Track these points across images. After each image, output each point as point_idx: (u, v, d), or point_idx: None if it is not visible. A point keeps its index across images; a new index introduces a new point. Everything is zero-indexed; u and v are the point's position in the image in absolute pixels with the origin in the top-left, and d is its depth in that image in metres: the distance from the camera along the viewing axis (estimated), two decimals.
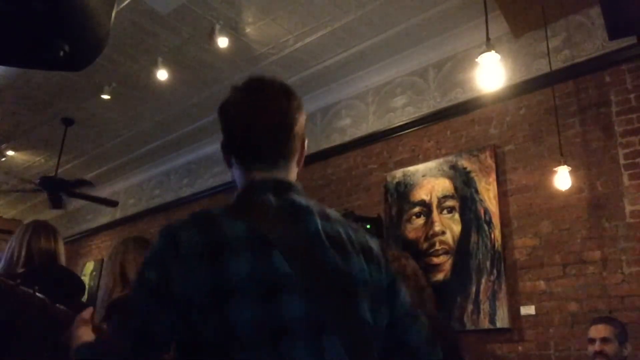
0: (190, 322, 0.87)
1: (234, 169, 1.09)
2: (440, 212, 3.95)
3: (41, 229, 2.15)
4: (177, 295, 0.87)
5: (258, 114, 1.05)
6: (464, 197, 3.85)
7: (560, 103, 3.53)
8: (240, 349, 0.86)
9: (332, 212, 1.05)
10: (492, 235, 3.62)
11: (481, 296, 3.54)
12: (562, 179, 3.19)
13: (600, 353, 2.52)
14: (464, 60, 4.15)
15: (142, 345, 0.89)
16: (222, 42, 4.27)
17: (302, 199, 1.02)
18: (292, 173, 1.09)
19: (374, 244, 1.07)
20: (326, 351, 0.89)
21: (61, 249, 2.19)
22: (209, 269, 0.88)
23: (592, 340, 2.59)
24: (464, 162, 3.94)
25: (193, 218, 0.95)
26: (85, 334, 1.15)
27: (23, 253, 2.04)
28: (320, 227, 0.98)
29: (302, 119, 1.09)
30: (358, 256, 1.00)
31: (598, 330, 2.58)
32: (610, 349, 2.50)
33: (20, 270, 1.98)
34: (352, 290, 0.96)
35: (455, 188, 3.93)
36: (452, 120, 4.17)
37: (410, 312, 1.07)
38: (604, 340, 2.53)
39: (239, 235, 0.92)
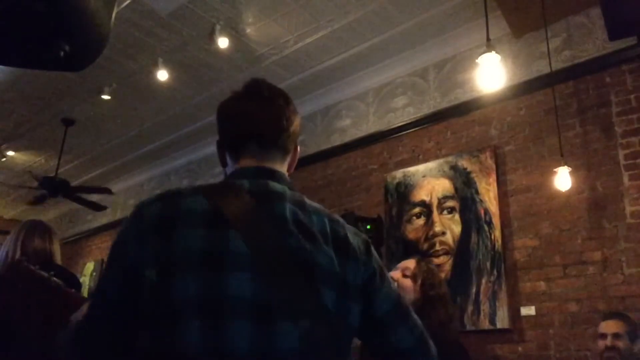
0: (139, 295, 0.88)
1: (227, 167, 1.09)
2: (441, 213, 3.95)
3: (35, 228, 2.15)
4: (129, 267, 0.90)
5: (254, 107, 1.06)
6: (464, 198, 3.85)
7: (560, 103, 3.52)
8: (179, 324, 0.84)
9: (313, 204, 1.03)
10: (493, 236, 3.62)
11: (481, 297, 3.54)
12: (563, 179, 3.19)
13: (612, 348, 2.47)
14: (465, 60, 4.15)
15: (99, 317, 0.95)
16: (223, 42, 4.27)
17: (278, 185, 1.01)
18: (281, 169, 1.08)
19: (354, 238, 1.02)
20: (275, 335, 0.86)
21: (56, 248, 2.19)
22: (158, 242, 0.90)
23: (603, 336, 2.53)
24: (464, 163, 3.94)
25: (162, 194, 0.98)
26: None
27: (18, 253, 2.04)
28: (287, 212, 0.96)
29: (297, 123, 1.10)
30: (327, 246, 0.96)
31: (609, 326, 2.53)
32: (622, 344, 2.46)
33: None
34: (314, 277, 0.91)
35: (456, 188, 3.93)
36: (452, 121, 4.17)
37: (398, 311, 1.03)
38: (616, 335, 2.48)
39: (196, 210, 0.92)
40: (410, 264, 2.34)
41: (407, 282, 2.19)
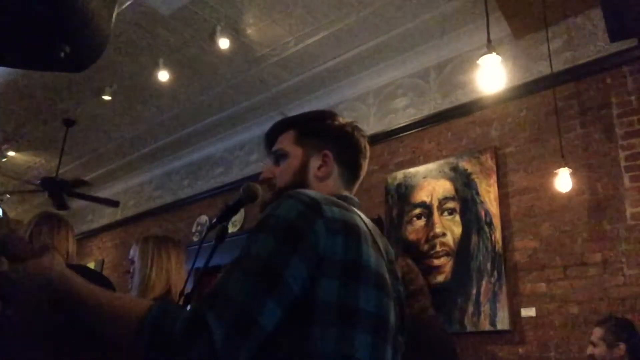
0: (316, 280, 0.87)
1: (324, 180, 1.18)
2: (441, 214, 3.95)
3: (45, 222, 1.98)
4: (317, 251, 0.88)
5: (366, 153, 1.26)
6: (465, 199, 3.85)
7: (561, 105, 3.52)
8: (358, 324, 0.89)
9: None
10: (493, 237, 3.61)
11: (482, 298, 3.54)
12: (563, 180, 3.19)
13: (590, 356, 2.57)
14: (465, 62, 4.15)
15: (267, 292, 0.83)
16: (223, 43, 4.28)
17: None
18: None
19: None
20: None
21: (67, 243, 2.01)
22: (343, 242, 0.91)
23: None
24: (464, 164, 3.93)
25: (328, 199, 0.98)
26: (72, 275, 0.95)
27: None
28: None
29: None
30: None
31: (593, 334, 2.62)
32: (597, 351, 2.54)
33: None
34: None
35: (456, 190, 3.92)
36: (453, 122, 4.17)
37: None
38: (592, 344, 2.58)
39: (363, 228, 0.99)
40: None
41: None
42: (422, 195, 4.10)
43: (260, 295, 0.82)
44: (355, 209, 1.08)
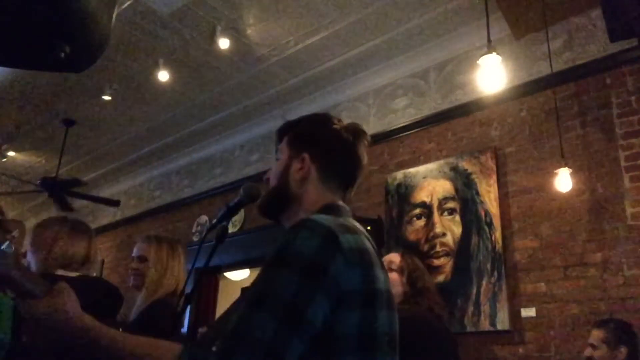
0: (338, 314, 0.87)
1: (313, 190, 1.18)
2: (441, 214, 3.95)
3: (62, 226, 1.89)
4: (338, 285, 0.88)
5: (363, 157, 1.26)
6: (465, 199, 3.85)
7: (561, 105, 3.52)
8: (378, 349, 0.93)
9: None
10: (493, 237, 3.61)
11: (482, 298, 3.54)
12: (563, 181, 3.19)
13: (589, 359, 2.55)
14: (465, 62, 4.15)
15: (291, 331, 0.82)
16: (223, 43, 4.28)
17: None
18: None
19: None
20: None
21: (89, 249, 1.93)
22: (360, 273, 0.92)
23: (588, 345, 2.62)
24: (464, 164, 3.93)
25: (342, 224, 0.98)
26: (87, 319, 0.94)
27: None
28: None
29: None
30: None
31: (592, 336, 2.60)
32: (598, 354, 2.51)
33: None
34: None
35: (456, 190, 3.92)
36: (453, 122, 4.17)
37: None
38: (592, 346, 2.55)
39: (373, 252, 1.01)
40: (395, 257, 2.42)
41: (394, 276, 2.29)
42: (422, 195, 4.10)
43: (286, 335, 0.82)
44: (350, 219, 1.08)
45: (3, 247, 1.57)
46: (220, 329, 0.94)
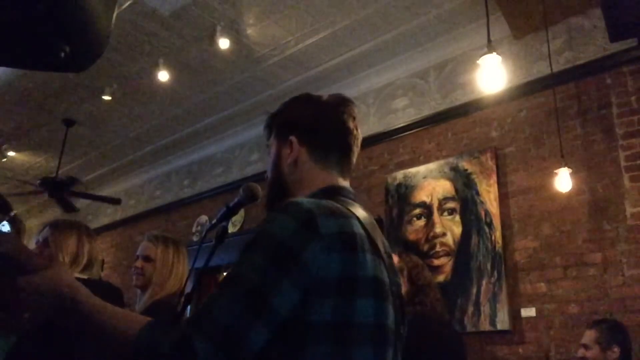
0: (309, 301, 0.85)
1: (307, 170, 1.16)
2: (441, 214, 3.95)
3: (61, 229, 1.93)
4: (310, 272, 0.85)
5: (354, 124, 1.25)
6: (465, 199, 3.85)
7: (561, 105, 3.52)
8: (355, 339, 0.89)
9: None
10: (493, 237, 3.61)
11: (482, 298, 3.54)
12: (563, 181, 3.19)
13: (582, 359, 2.54)
14: (465, 62, 4.15)
15: (254, 316, 0.82)
16: (224, 43, 4.28)
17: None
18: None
19: None
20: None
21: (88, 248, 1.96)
22: (340, 259, 0.89)
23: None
24: (464, 164, 3.93)
25: (327, 207, 0.94)
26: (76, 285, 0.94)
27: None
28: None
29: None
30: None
31: (584, 336, 2.59)
32: (590, 354, 2.50)
33: None
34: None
35: (456, 190, 3.92)
36: (453, 122, 4.17)
37: None
38: (585, 346, 2.54)
39: (361, 235, 0.95)
40: (394, 258, 2.41)
41: None
42: (422, 195, 4.10)
43: (247, 318, 0.82)
44: (352, 201, 1.06)
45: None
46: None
